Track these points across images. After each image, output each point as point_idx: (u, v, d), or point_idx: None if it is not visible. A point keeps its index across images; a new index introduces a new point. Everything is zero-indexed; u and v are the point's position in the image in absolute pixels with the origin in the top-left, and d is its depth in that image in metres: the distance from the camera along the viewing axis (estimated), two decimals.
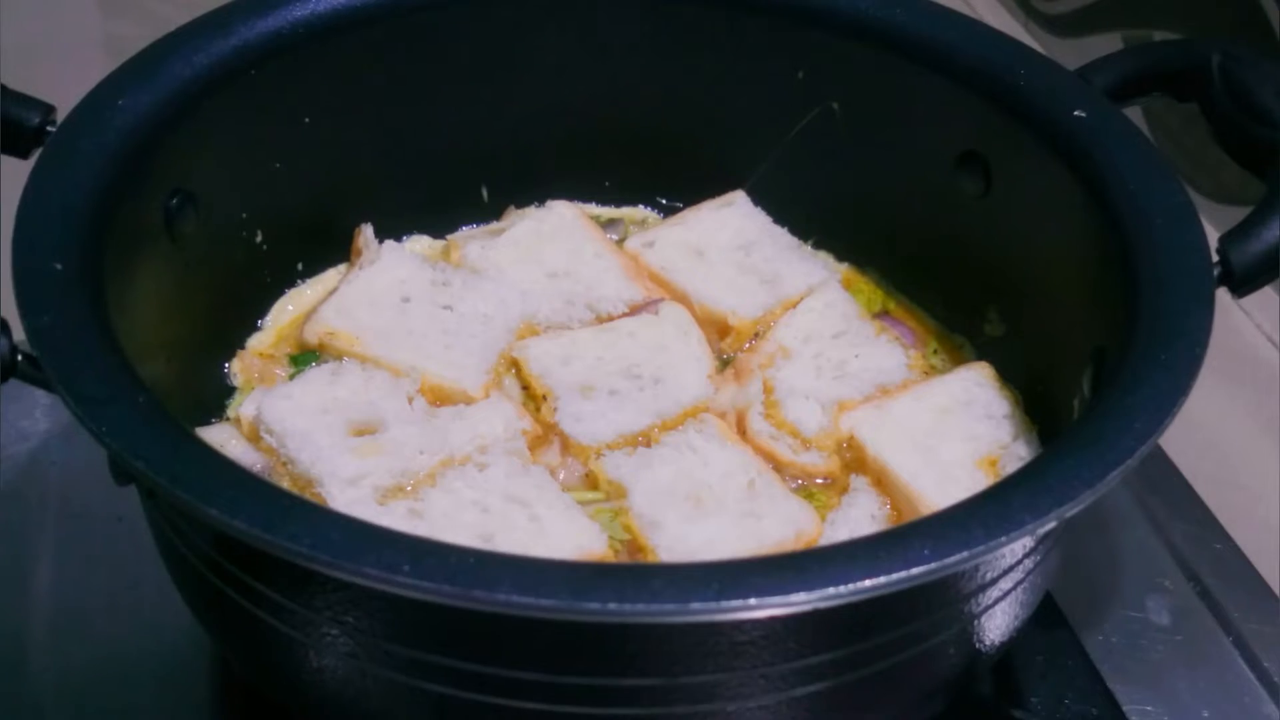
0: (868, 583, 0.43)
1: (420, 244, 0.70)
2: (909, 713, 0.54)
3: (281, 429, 0.58)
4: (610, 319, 0.66)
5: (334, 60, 0.64)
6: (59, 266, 0.51)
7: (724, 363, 0.66)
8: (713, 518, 0.57)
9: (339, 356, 0.62)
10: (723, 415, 0.63)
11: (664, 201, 0.73)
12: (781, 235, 0.70)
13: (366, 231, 0.67)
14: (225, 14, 0.61)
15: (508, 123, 0.69)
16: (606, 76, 0.69)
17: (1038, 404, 0.62)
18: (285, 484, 0.57)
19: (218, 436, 0.59)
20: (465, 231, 0.71)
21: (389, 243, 0.67)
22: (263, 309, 0.66)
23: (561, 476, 0.60)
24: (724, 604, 0.42)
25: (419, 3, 0.65)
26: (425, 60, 0.66)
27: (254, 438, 0.59)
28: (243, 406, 0.60)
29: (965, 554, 0.44)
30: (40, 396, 0.51)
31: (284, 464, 0.57)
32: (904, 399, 0.62)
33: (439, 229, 0.71)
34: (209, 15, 0.61)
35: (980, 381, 0.62)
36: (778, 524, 0.57)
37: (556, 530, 0.55)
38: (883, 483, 0.60)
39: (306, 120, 0.64)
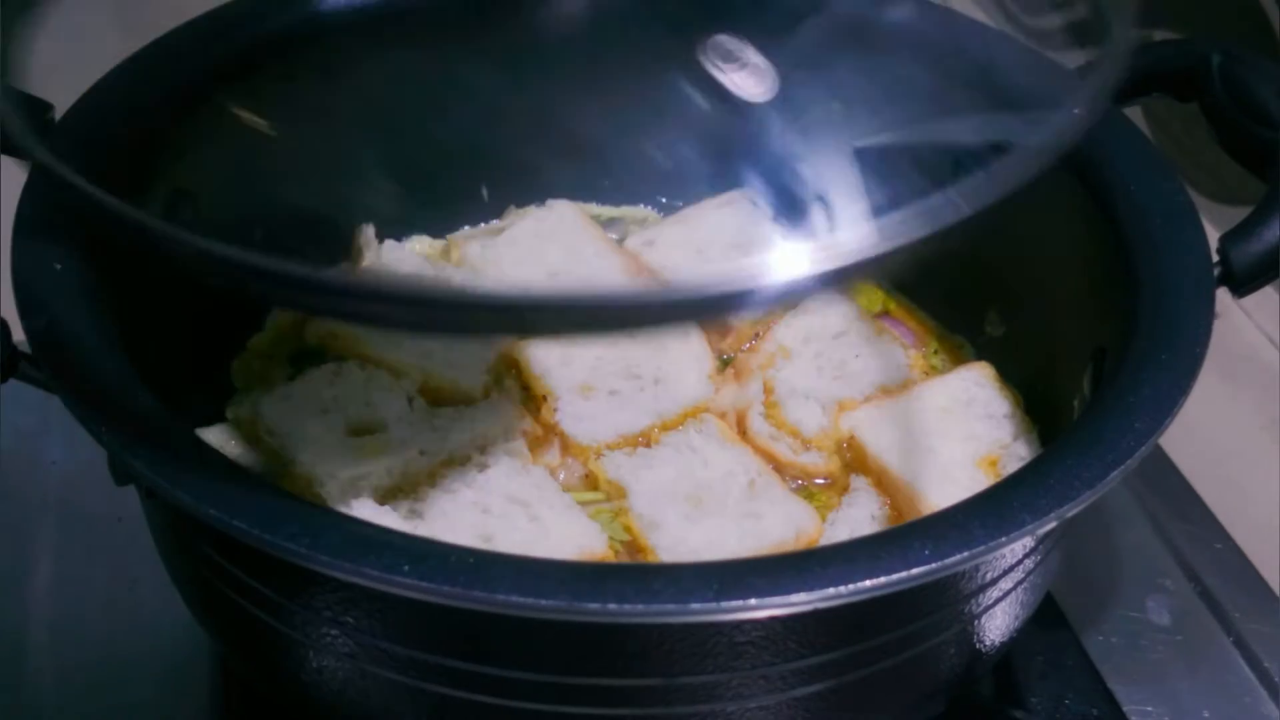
0: (868, 583, 0.42)
1: (420, 244, 0.70)
2: (909, 713, 0.54)
3: (281, 429, 0.58)
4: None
5: (334, 60, 0.64)
6: (58, 267, 0.51)
7: (724, 363, 0.66)
8: (713, 518, 0.57)
9: (339, 357, 0.62)
10: (723, 415, 0.63)
11: (664, 201, 0.73)
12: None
13: (366, 231, 0.67)
14: (224, 14, 0.61)
15: (508, 122, 0.69)
16: (606, 76, 0.69)
17: (1038, 404, 0.62)
18: (285, 485, 0.57)
19: (218, 437, 0.59)
20: (465, 231, 0.71)
21: (389, 243, 0.67)
22: (263, 309, 0.66)
23: (561, 477, 0.60)
24: (723, 604, 0.42)
25: (419, 3, 0.65)
26: (425, 59, 0.66)
27: (254, 438, 0.59)
28: (243, 407, 0.60)
29: (965, 554, 0.44)
30: (40, 396, 0.51)
31: (284, 464, 0.57)
32: (904, 399, 0.62)
33: (439, 229, 0.71)
34: (208, 15, 0.61)
35: (980, 381, 0.62)
36: (778, 524, 0.57)
37: (556, 531, 0.55)
38: (883, 483, 0.60)
39: (306, 120, 0.64)
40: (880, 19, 0.64)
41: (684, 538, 0.56)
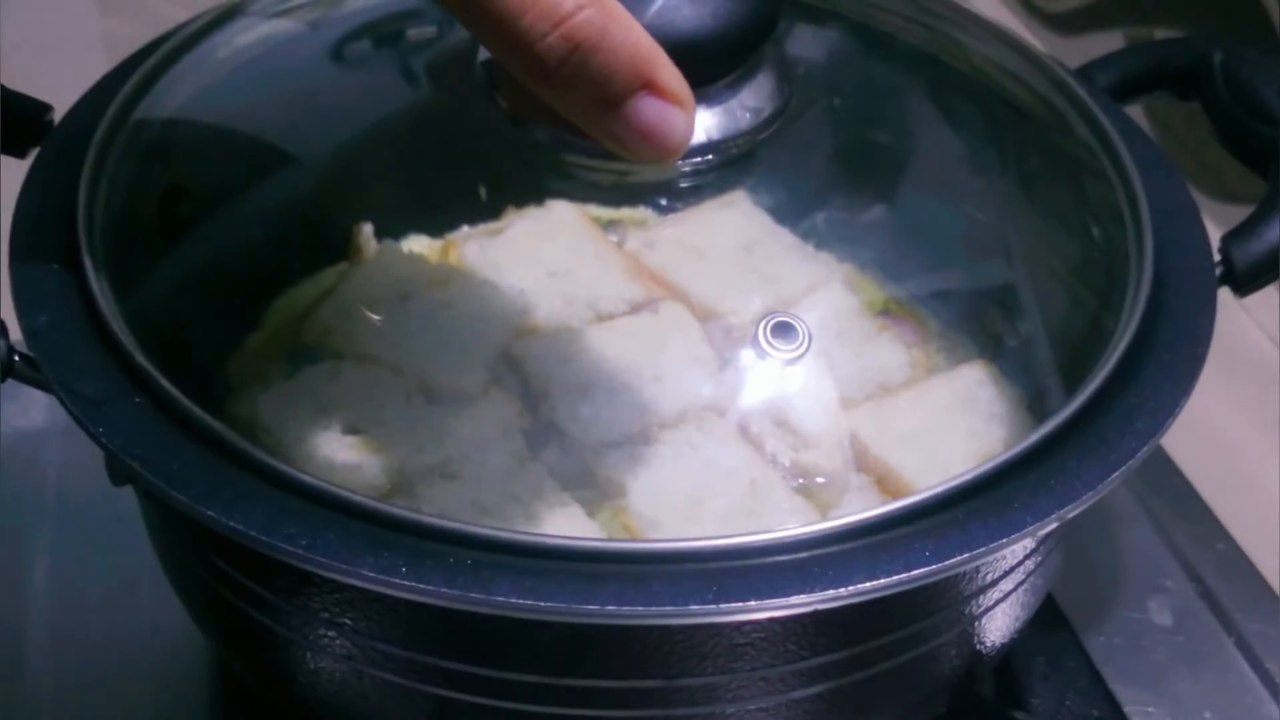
0: (867, 584, 0.42)
1: (419, 244, 0.70)
2: (909, 714, 0.54)
3: (279, 428, 0.58)
4: (610, 318, 0.66)
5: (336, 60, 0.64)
6: (56, 266, 0.51)
7: (725, 362, 0.65)
8: (713, 517, 0.57)
9: (337, 354, 0.62)
10: (723, 414, 0.62)
11: (664, 203, 0.73)
12: (783, 235, 0.70)
13: (365, 231, 0.67)
14: (222, 13, 0.61)
15: (506, 122, 0.69)
16: None
17: (1039, 403, 0.62)
18: None
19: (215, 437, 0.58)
20: (464, 231, 0.71)
21: (387, 242, 0.67)
22: (260, 308, 0.66)
23: (561, 476, 0.59)
24: (722, 606, 0.42)
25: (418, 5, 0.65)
26: (424, 59, 0.66)
27: (251, 437, 0.58)
28: (240, 405, 0.60)
29: (965, 555, 0.43)
30: (38, 396, 0.51)
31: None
32: (906, 397, 0.62)
33: (438, 229, 0.70)
34: (206, 13, 0.61)
35: (982, 380, 0.62)
36: (778, 523, 0.57)
37: (555, 530, 0.55)
38: (884, 482, 0.59)
39: (305, 119, 0.64)
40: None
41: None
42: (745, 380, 0.63)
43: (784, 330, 0.55)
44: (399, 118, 0.67)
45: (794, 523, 0.46)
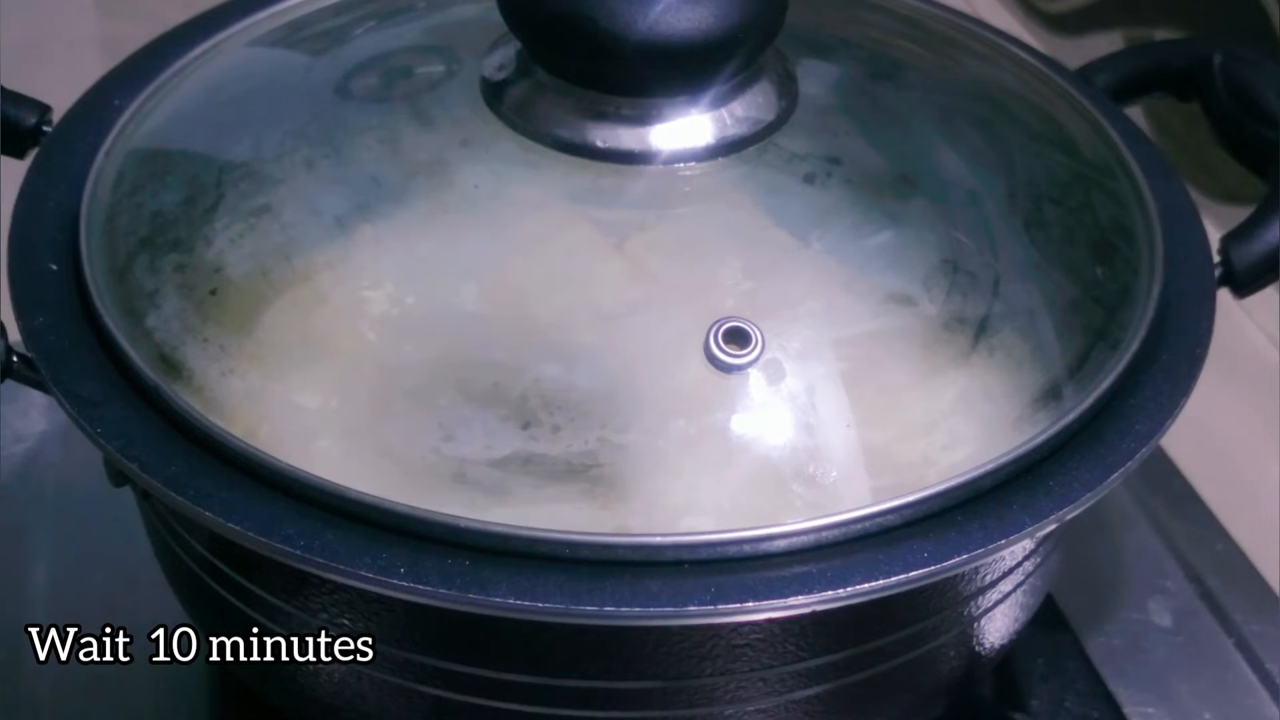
0: (866, 585, 0.42)
1: (417, 245, 0.70)
2: (908, 716, 0.54)
3: (280, 431, 0.57)
4: (610, 318, 0.66)
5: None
6: (54, 267, 0.51)
7: (724, 363, 0.65)
8: (711, 517, 0.57)
9: (335, 357, 0.62)
10: (722, 414, 0.62)
11: (664, 203, 0.73)
12: (783, 236, 0.70)
13: (365, 231, 0.66)
14: (221, 13, 0.61)
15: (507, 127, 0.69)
16: None
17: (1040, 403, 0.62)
18: None
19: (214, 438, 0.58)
20: (461, 233, 0.70)
21: (385, 243, 0.67)
22: (259, 309, 0.66)
23: (559, 476, 0.59)
24: (720, 606, 0.42)
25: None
26: (427, 73, 0.66)
27: (251, 439, 0.58)
28: (239, 407, 0.60)
29: (964, 556, 0.44)
30: (37, 397, 0.51)
31: None
32: (905, 398, 0.62)
33: (436, 229, 0.70)
34: (205, 14, 0.61)
35: (983, 381, 0.62)
36: (777, 524, 0.57)
37: (553, 531, 0.55)
38: (883, 482, 0.59)
39: (305, 127, 0.64)
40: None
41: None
42: (745, 380, 0.63)
43: (736, 336, 0.55)
44: (399, 123, 0.67)
45: (793, 523, 0.45)
